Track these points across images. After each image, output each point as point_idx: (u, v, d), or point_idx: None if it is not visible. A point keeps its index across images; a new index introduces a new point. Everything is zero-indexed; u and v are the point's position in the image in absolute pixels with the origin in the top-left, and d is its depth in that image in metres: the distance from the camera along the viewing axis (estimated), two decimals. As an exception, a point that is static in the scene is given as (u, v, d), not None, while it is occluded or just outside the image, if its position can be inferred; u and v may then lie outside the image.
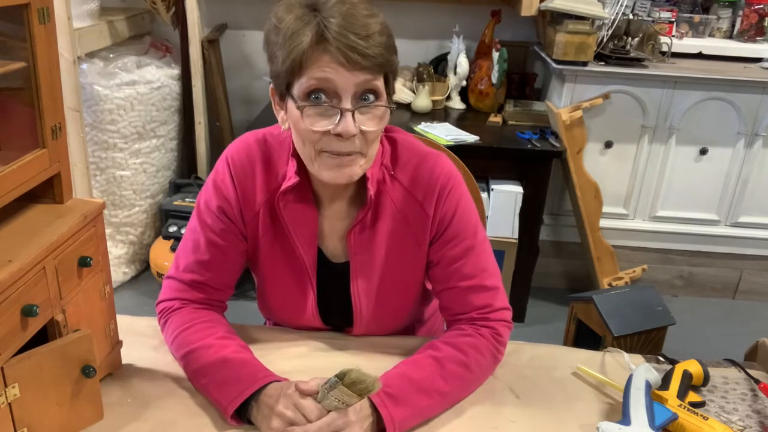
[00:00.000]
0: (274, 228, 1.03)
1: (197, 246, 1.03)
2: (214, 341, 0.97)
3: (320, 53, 0.86)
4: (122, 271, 2.72)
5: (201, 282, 1.04)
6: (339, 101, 0.88)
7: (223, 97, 2.89)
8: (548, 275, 2.76)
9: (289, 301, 1.08)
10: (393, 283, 1.05)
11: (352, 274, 1.04)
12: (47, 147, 0.86)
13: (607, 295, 1.32)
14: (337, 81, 0.86)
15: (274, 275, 1.07)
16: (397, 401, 0.88)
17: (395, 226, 1.02)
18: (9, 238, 0.81)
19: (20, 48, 0.81)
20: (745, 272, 2.78)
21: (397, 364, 0.96)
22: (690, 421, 0.88)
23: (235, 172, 1.02)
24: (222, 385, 0.91)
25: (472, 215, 1.04)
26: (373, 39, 0.86)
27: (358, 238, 1.02)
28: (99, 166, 2.57)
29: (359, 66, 0.86)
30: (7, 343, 0.74)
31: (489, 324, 1.01)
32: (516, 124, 2.52)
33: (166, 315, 1.04)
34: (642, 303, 1.35)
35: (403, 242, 1.03)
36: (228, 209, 1.02)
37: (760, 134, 2.51)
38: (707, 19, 2.70)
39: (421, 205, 1.01)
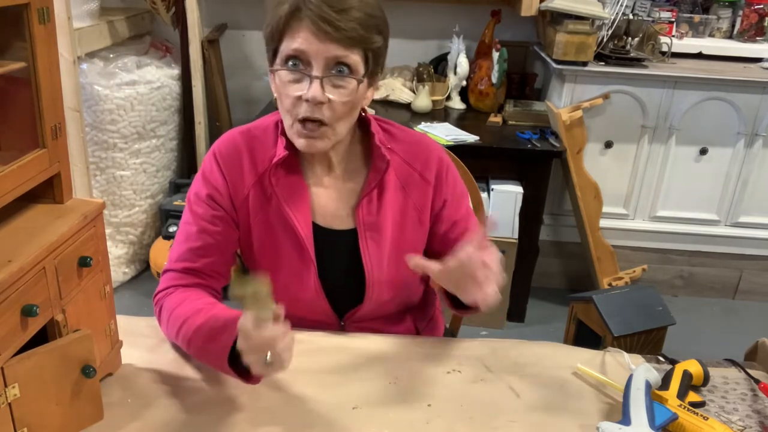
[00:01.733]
0: (267, 207, 1.06)
1: (189, 235, 1.06)
2: (202, 306, 0.98)
3: (296, 23, 0.93)
4: (122, 271, 2.72)
5: (194, 269, 1.05)
6: (310, 69, 0.94)
7: (223, 97, 2.89)
8: (548, 275, 2.76)
9: (289, 282, 1.07)
10: (398, 247, 1.08)
11: (361, 238, 1.06)
12: (47, 147, 0.86)
13: (607, 295, 1.33)
14: (309, 50, 0.93)
15: (270, 255, 1.08)
16: None
17: (397, 193, 1.08)
18: (9, 238, 0.81)
19: (20, 48, 0.81)
20: (745, 272, 2.78)
21: None
22: (690, 421, 0.88)
23: (222, 162, 1.06)
24: (212, 340, 0.91)
25: (460, 183, 1.16)
26: (349, 14, 0.92)
27: (366, 203, 1.06)
28: (99, 166, 2.57)
29: (330, 37, 0.92)
30: (7, 343, 0.74)
31: None
32: (516, 124, 2.52)
33: (161, 302, 1.04)
34: (642, 303, 1.36)
35: (406, 208, 1.09)
36: (217, 197, 1.06)
37: (760, 134, 2.51)
38: (707, 19, 2.70)
39: (421, 174, 1.09)
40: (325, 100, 0.94)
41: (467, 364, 1.05)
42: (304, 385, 0.97)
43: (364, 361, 1.04)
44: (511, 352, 1.08)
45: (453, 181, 1.12)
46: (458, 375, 1.02)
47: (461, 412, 0.94)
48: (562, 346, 1.13)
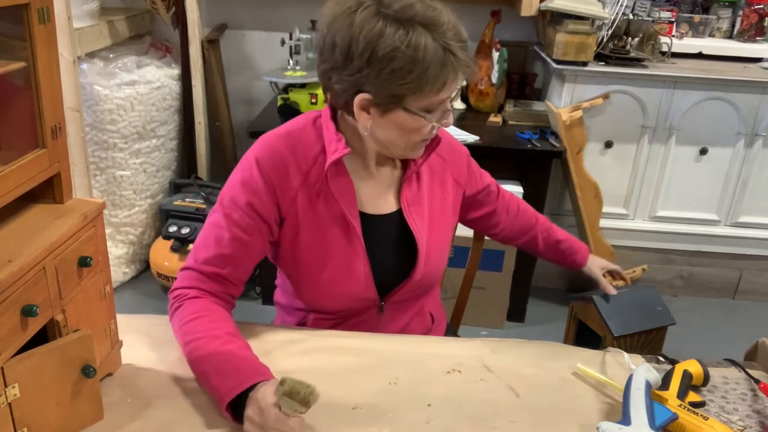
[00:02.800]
0: (316, 203, 1.09)
1: (220, 240, 1.06)
2: (222, 334, 0.98)
3: (452, 79, 0.99)
4: (122, 271, 2.72)
5: (221, 275, 1.06)
6: (444, 104, 1.03)
7: (223, 97, 2.89)
8: (548, 275, 2.76)
9: (338, 273, 1.11)
10: (435, 220, 1.18)
11: (407, 213, 1.15)
12: (47, 147, 0.86)
13: (606, 297, 1.33)
14: (452, 94, 1.02)
15: (320, 250, 1.11)
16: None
17: (431, 175, 1.19)
18: (9, 238, 0.81)
19: (20, 48, 0.81)
20: (745, 272, 2.78)
21: None
22: (690, 421, 0.88)
23: (265, 169, 1.07)
24: (222, 374, 0.91)
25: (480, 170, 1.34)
26: (467, 44, 1.00)
27: (408, 185, 1.15)
28: (99, 166, 2.57)
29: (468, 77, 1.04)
30: (7, 343, 0.74)
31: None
32: (516, 124, 2.52)
33: (180, 300, 1.04)
34: (642, 303, 1.36)
35: (438, 189, 1.20)
36: (257, 204, 1.06)
37: (760, 134, 2.51)
38: (707, 19, 2.70)
39: (450, 163, 1.23)
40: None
41: (467, 364, 1.05)
42: (304, 385, 0.97)
43: (364, 361, 1.04)
44: (511, 352, 1.08)
45: (477, 170, 1.31)
46: (458, 375, 1.02)
47: (461, 412, 0.94)
48: (562, 346, 1.13)
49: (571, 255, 1.41)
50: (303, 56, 2.53)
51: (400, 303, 1.19)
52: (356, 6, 0.96)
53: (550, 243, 1.40)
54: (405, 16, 0.94)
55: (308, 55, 2.55)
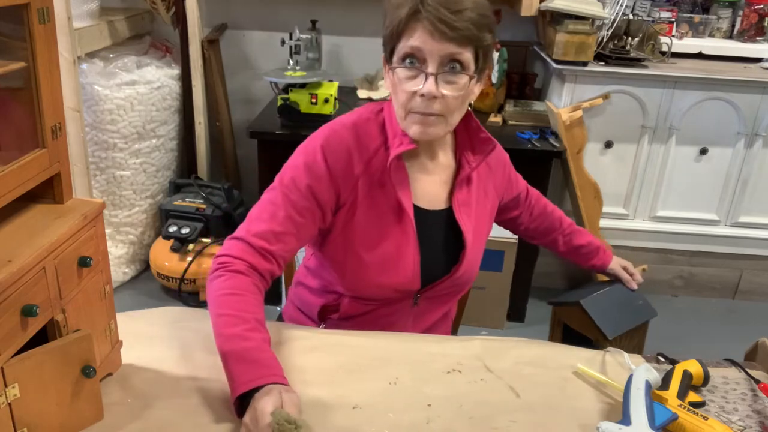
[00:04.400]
0: (376, 192, 1.13)
1: (274, 216, 1.09)
2: (251, 319, 0.99)
3: (414, 23, 1.01)
4: (122, 271, 2.72)
5: (269, 251, 1.07)
6: (426, 66, 1.02)
7: (223, 97, 2.89)
8: (548, 275, 2.76)
9: (387, 257, 1.14)
10: (479, 222, 1.23)
11: (457, 212, 1.18)
12: (47, 147, 0.86)
13: (593, 298, 1.32)
14: (425, 48, 1.01)
15: (374, 234, 1.14)
16: None
17: (478, 180, 1.23)
18: (9, 238, 0.81)
19: (20, 48, 0.81)
20: (745, 272, 2.78)
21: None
22: (690, 421, 0.88)
23: (330, 157, 1.11)
24: (242, 362, 0.92)
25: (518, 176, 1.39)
26: (463, 14, 1.00)
27: (459, 186, 1.19)
28: (99, 166, 2.57)
29: (445, 36, 1.00)
30: (7, 343, 0.74)
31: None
32: (516, 124, 2.52)
33: (225, 270, 1.04)
34: (624, 300, 1.36)
35: (482, 194, 1.24)
36: (317, 188, 1.10)
37: (760, 134, 2.51)
38: (707, 19, 2.70)
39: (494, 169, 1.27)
40: (438, 95, 1.03)
41: (467, 364, 1.05)
42: (305, 384, 0.97)
43: (364, 361, 1.04)
44: (511, 352, 1.08)
45: (515, 177, 1.36)
46: (458, 375, 1.02)
47: (461, 412, 0.94)
48: (562, 346, 1.13)
49: (591, 259, 1.44)
50: (303, 56, 2.53)
51: (433, 299, 1.22)
52: None
53: (571, 247, 1.45)
54: None
55: (308, 55, 2.55)
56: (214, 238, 2.62)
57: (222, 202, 2.65)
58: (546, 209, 1.43)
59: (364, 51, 2.83)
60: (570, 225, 1.45)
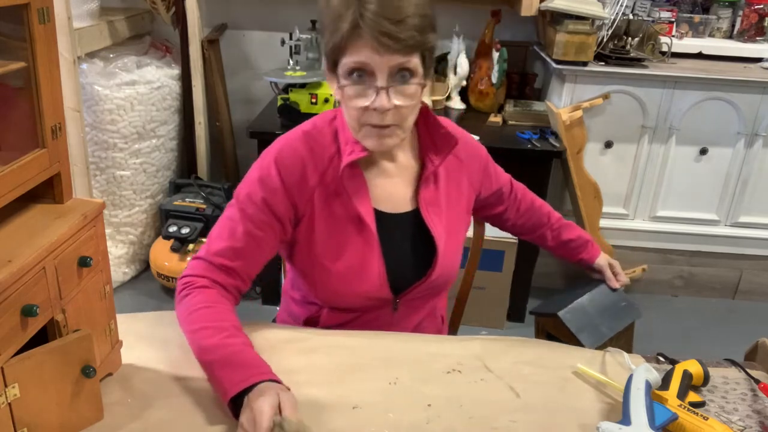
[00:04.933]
0: (332, 202, 1.11)
1: (233, 233, 1.08)
2: (229, 326, 0.99)
3: (356, 39, 0.96)
4: (122, 271, 2.72)
5: (230, 268, 1.07)
6: (375, 80, 0.99)
7: (223, 97, 2.89)
8: (548, 275, 2.76)
9: (352, 269, 1.12)
10: (451, 221, 1.19)
11: (425, 212, 1.15)
12: (47, 147, 0.86)
13: (572, 309, 1.26)
14: (372, 63, 0.97)
15: (335, 246, 1.12)
16: None
17: (447, 175, 1.19)
18: (9, 238, 0.81)
19: (20, 48, 0.81)
20: (745, 272, 2.78)
21: None
22: (690, 421, 0.88)
23: (284, 169, 1.09)
24: (228, 366, 0.92)
25: (498, 170, 1.35)
26: (406, 23, 0.95)
27: (425, 185, 1.16)
28: (99, 166, 2.57)
29: (391, 50, 0.96)
30: (7, 343, 0.74)
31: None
32: (516, 124, 2.52)
33: (190, 288, 1.05)
34: (606, 304, 1.31)
35: (453, 191, 1.20)
36: (273, 201, 1.08)
37: (760, 134, 2.51)
38: (707, 19, 2.70)
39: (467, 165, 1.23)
40: (391, 107, 1.00)
41: (467, 364, 1.05)
42: (304, 384, 0.97)
43: (364, 361, 1.04)
44: (511, 352, 1.08)
45: (495, 171, 1.32)
46: (458, 375, 1.02)
47: (461, 412, 0.94)
48: (562, 346, 1.13)
49: (579, 253, 1.40)
50: (303, 56, 2.53)
51: (414, 302, 1.20)
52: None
53: (560, 241, 1.40)
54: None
55: (308, 55, 2.55)
56: (214, 238, 2.62)
57: (222, 202, 2.65)
58: (534, 204, 1.40)
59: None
60: (558, 219, 1.42)
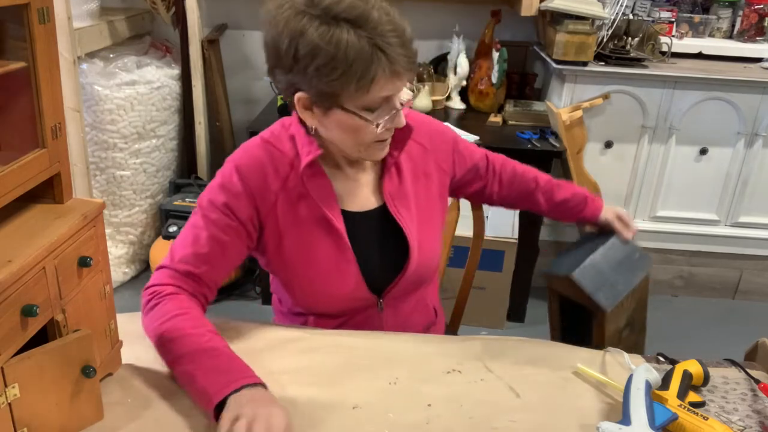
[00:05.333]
0: (297, 207, 1.09)
1: (197, 239, 1.06)
2: (206, 332, 0.98)
3: (390, 76, 0.96)
4: (122, 271, 2.72)
5: (195, 274, 1.06)
6: (391, 104, 1.01)
7: (223, 97, 2.89)
8: (548, 275, 2.76)
9: (327, 274, 1.11)
10: (422, 211, 1.17)
11: (391, 206, 1.14)
12: (47, 147, 0.86)
13: (585, 268, 1.17)
14: (394, 93, 1.00)
15: (306, 253, 1.11)
16: None
17: (411, 164, 1.17)
18: (9, 238, 0.81)
19: (20, 48, 0.81)
20: (745, 272, 2.78)
21: None
22: (690, 421, 0.88)
23: (245, 175, 1.08)
24: (211, 372, 0.91)
25: (469, 146, 1.31)
26: (412, 43, 0.98)
27: (388, 178, 1.14)
28: (99, 166, 2.57)
29: (410, 73, 0.99)
30: (7, 343, 0.74)
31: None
32: (516, 124, 2.52)
33: (157, 298, 1.03)
34: (620, 258, 1.23)
35: (421, 178, 1.18)
36: (236, 206, 1.07)
37: (760, 134, 2.51)
38: (707, 19, 2.70)
39: (431, 149, 1.20)
40: (404, 123, 1.04)
41: (467, 364, 1.05)
42: (304, 384, 0.97)
43: (364, 361, 1.04)
44: (511, 352, 1.08)
45: (465, 150, 1.27)
46: (458, 375, 1.02)
47: (461, 412, 0.94)
48: (562, 346, 1.13)
49: (579, 212, 1.35)
50: (303, 56, 2.53)
51: (398, 298, 1.19)
52: (284, 3, 0.97)
53: (554, 203, 1.36)
54: (330, 14, 0.93)
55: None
56: (214, 238, 2.62)
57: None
58: (516, 172, 1.35)
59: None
60: (548, 181, 1.36)
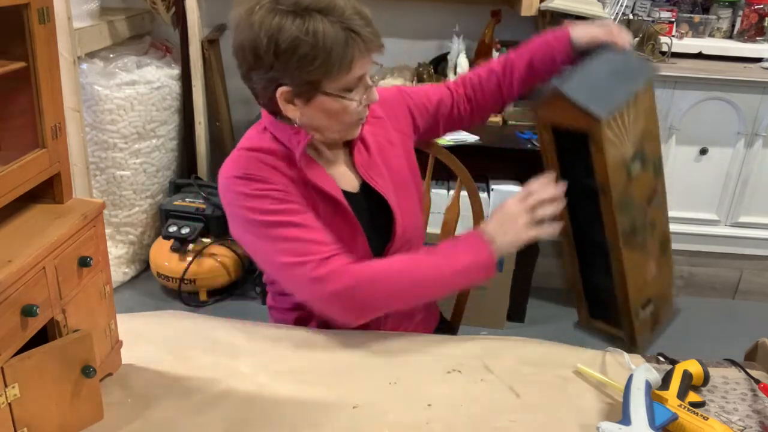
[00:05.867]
0: (304, 193, 1.12)
1: (290, 238, 1.06)
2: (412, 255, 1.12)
3: (366, 54, 1.03)
4: (122, 271, 2.71)
5: (330, 251, 1.07)
6: (364, 81, 1.07)
7: (223, 97, 2.89)
8: (548, 275, 2.76)
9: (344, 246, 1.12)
10: (397, 170, 1.22)
11: (367, 177, 1.17)
12: (47, 147, 0.86)
13: (573, 80, 1.00)
14: (366, 71, 1.06)
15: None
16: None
17: (373, 130, 1.21)
18: (9, 238, 0.81)
19: (20, 48, 0.81)
20: (745, 272, 2.78)
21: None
22: (690, 421, 0.88)
23: (251, 175, 1.08)
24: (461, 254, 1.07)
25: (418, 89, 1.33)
26: (373, 23, 1.04)
27: (358, 152, 1.19)
28: (99, 166, 2.57)
29: (378, 51, 1.06)
30: (7, 343, 0.74)
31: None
32: (516, 124, 2.52)
33: (351, 276, 1.05)
34: (616, 67, 1.06)
35: (387, 142, 1.23)
36: (276, 194, 1.08)
37: (760, 134, 2.51)
38: (707, 19, 2.70)
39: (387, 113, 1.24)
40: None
41: (467, 364, 1.05)
42: (305, 384, 0.97)
43: (364, 361, 1.04)
44: (511, 352, 1.08)
45: (418, 94, 1.30)
46: (458, 375, 1.02)
47: (461, 412, 0.94)
48: (562, 346, 1.13)
49: (551, 48, 1.22)
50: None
51: None
52: (254, 6, 1.01)
53: (527, 62, 1.26)
54: (300, 7, 0.99)
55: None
56: (214, 238, 2.62)
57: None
58: (474, 74, 1.31)
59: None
60: (508, 54, 1.28)
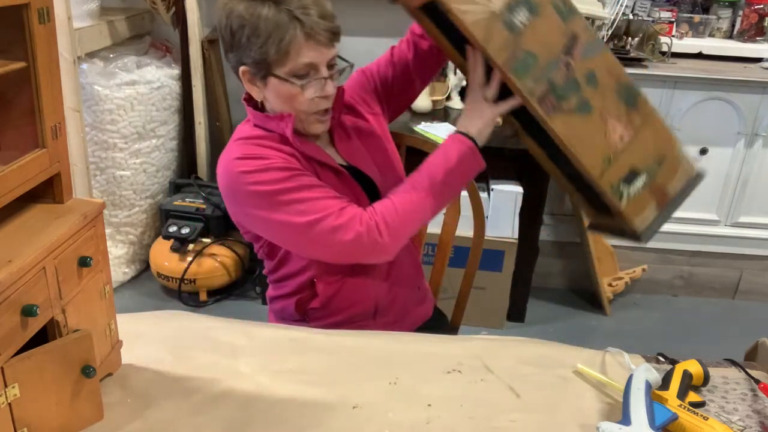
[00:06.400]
0: (305, 165, 1.17)
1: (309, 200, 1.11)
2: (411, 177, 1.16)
3: (303, 42, 1.07)
4: (122, 271, 2.72)
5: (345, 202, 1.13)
6: (318, 73, 1.11)
7: (223, 97, 2.89)
8: (548, 275, 2.76)
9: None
10: (379, 155, 1.29)
11: (348, 156, 1.24)
12: (47, 147, 0.86)
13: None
14: (319, 60, 1.10)
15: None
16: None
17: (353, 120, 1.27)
18: (9, 238, 0.81)
19: (20, 48, 0.81)
20: (745, 272, 2.78)
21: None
22: (690, 421, 0.88)
23: (256, 153, 1.14)
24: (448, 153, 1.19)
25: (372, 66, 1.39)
26: (333, 16, 1.10)
27: (338, 137, 1.25)
28: (99, 166, 2.57)
29: (331, 44, 1.11)
30: (7, 343, 0.74)
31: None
32: (516, 124, 2.51)
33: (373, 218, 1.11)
34: None
35: (366, 122, 1.29)
36: (286, 164, 1.13)
37: (760, 134, 2.51)
38: (707, 19, 2.70)
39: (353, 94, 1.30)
40: (335, 91, 1.15)
41: (467, 364, 1.05)
42: (304, 384, 0.97)
43: (364, 361, 1.04)
44: (511, 352, 1.08)
45: (375, 73, 1.34)
46: (458, 375, 1.02)
47: (461, 412, 0.94)
48: (562, 346, 1.13)
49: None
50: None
51: None
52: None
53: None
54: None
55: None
56: (214, 238, 2.62)
57: (222, 201, 2.65)
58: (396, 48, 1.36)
59: (363, 51, 2.83)
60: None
